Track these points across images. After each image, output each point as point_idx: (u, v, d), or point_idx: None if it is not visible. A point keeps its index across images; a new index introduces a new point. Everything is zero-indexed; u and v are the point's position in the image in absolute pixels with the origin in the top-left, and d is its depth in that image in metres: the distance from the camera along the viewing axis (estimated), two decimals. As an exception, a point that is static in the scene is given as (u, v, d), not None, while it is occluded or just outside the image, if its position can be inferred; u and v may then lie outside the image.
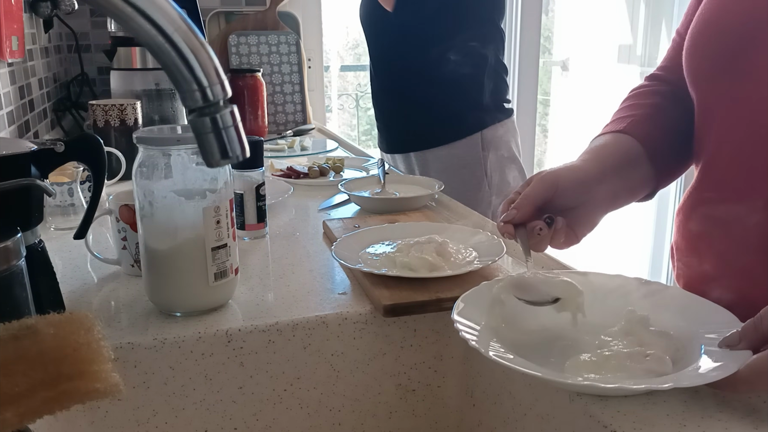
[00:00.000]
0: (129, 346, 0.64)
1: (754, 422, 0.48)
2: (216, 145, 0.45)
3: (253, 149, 0.78)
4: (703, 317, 0.59)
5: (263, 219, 0.96)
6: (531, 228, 0.68)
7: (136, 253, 0.79)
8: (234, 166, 0.86)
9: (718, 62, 0.69)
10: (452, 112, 1.51)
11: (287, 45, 2.04)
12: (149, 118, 1.47)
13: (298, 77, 2.04)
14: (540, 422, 0.59)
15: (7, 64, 1.31)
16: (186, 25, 0.42)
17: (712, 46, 0.70)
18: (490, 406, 0.68)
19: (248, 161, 0.83)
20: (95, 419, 0.65)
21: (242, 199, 0.94)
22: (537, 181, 0.71)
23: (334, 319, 0.70)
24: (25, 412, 0.37)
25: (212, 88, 0.43)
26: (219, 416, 0.68)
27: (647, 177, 0.78)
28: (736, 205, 0.68)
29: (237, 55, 2.00)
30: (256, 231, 0.96)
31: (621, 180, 0.75)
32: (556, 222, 0.69)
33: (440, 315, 0.71)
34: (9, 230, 0.50)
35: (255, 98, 1.80)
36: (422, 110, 1.54)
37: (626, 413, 0.49)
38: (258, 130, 1.82)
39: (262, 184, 0.95)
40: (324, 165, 1.37)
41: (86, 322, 0.40)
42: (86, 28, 2.05)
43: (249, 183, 0.94)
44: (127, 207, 0.79)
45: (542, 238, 0.68)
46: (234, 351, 0.67)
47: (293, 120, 2.03)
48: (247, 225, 0.95)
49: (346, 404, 0.73)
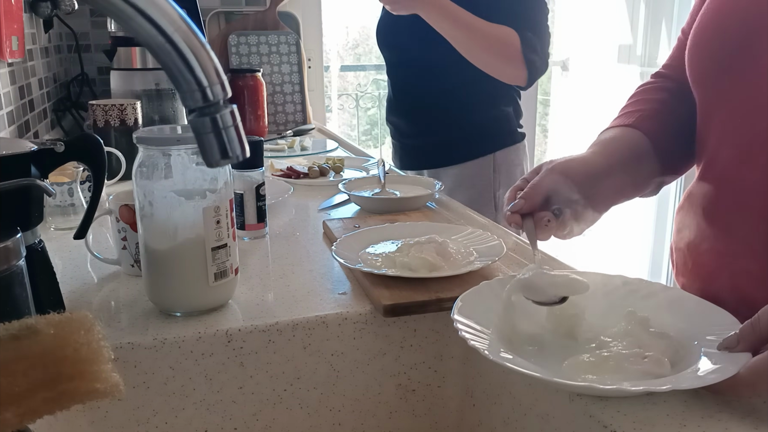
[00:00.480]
0: (129, 346, 0.64)
1: (754, 422, 0.48)
2: (216, 145, 0.45)
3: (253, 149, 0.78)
4: (703, 319, 0.59)
5: (263, 219, 0.96)
6: (539, 219, 0.68)
7: (136, 253, 0.79)
8: (234, 166, 0.87)
9: (718, 63, 0.69)
10: (467, 134, 1.54)
11: (287, 45, 2.04)
12: (149, 118, 1.47)
13: (298, 77, 2.04)
14: (540, 422, 0.59)
15: (7, 64, 1.31)
16: (186, 25, 0.42)
17: (712, 47, 0.70)
18: (490, 406, 0.68)
19: (248, 161, 0.83)
20: (95, 419, 0.65)
21: (242, 199, 0.94)
22: (546, 172, 0.71)
23: (334, 319, 0.70)
24: (25, 412, 0.37)
25: (212, 88, 0.43)
26: (219, 416, 0.68)
27: (653, 172, 0.78)
28: (735, 205, 0.68)
29: (237, 55, 2.00)
30: (256, 231, 0.96)
31: (627, 175, 0.75)
32: (564, 214, 0.68)
33: (440, 315, 0.71)
34: (9, 230, 0.50)
35: (255, 98, 1.80)
36: (438, 131, 1.56)
37: (626, 413, 0.49)
38: (258, 130, 1.82)
39: (262, 184, 0.95)
40: (324, 165, 1.37)
41: (86, 322, 0.40)
42: (86, 28, 2.05)
43: (249, 183, 0.94)
44: (127, 207, 0.79)
45: (548, 228, 0.68)
46: (234, 351, 0.67)
47: (293, 120, 2.04)
48: (247, 225, 0.95)
49: (346, 404, 0.73)
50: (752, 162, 0.66)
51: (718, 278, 0.71)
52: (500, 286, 0.67)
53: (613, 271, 0.69)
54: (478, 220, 1.04)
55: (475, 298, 0.64)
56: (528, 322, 0.63)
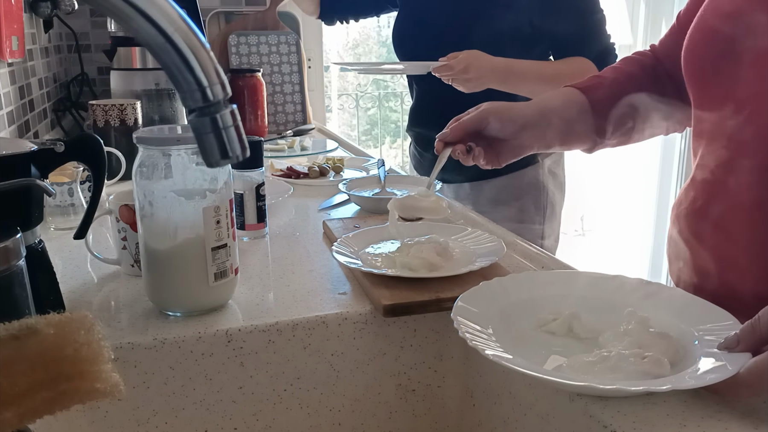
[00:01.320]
0: (129, 346, 0.64)
1: (754, 422, 0.48)
2: (216, 145, 0.45)
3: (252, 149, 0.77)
4: (703, 319, 0.59)
5: (263, 219, 0.96)
6: (454, 149, 0.82)
7: (136, 253, 0.79)
8: (234, 166, 0.86)
9: (710, 64, 0.71)
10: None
11: (287, 45, 2.04)
12: (149, 118, 1.47)
13: (298, 77, 2.04)
14: (540, 422, 0.59)
15: (7, 64, 1.31)
16: (186, 25, 0.42)
17: (705, 50, 0.72)
18: (490, 406, 0.68)
19: (248, 161, 0.83)
20: (95, 419, 0.65)
21: (242, 199, 0.94)
22: (479, 112, 0.84)
23: (334, 319, 0.70)
24: (25, 412, 0.37)
25: (212, 88, 0.43)
26: (219, 416, 0.69)
27: (586, 133, 0.87)
28: (726, 202, 0.69)
29: (237, 55, 2.00)
30: (256, 231, 0.96)
31: (554, 128, 0.86)
32: (474, 150, 0.83)
33: (440, 315, 0.71)
34: (9, 230, 0.50)
35: (255, 98, 1.80)
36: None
37: (626, 413, 0.49)
38: (258, 130, 1.82)
39: (262, 184, 0.95)
40: (324, 165, 1.37)
41: (86, 322, 0.40)
42: (86, 28, 2.05)
43: (249, 183, 0.94)
44: (127, 207, 0.79)
45: (463, 158, 0.83)
46: (234, 351, 0.67)
47: (293, 120, 2.03)
48: (247, 225, 0.95)
49: (346, 404, 0.73)
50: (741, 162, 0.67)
51: (710, 273, 0.72)
52: (500, 286, 0.67)
53: (613, 271, 0.69)
54: (477, 220, 1.04)
55: (475, 298, 0.64)
56: (528, 322, 0.63)
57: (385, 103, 3.67)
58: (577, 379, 0.52)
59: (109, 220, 0.83)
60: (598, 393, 0.51)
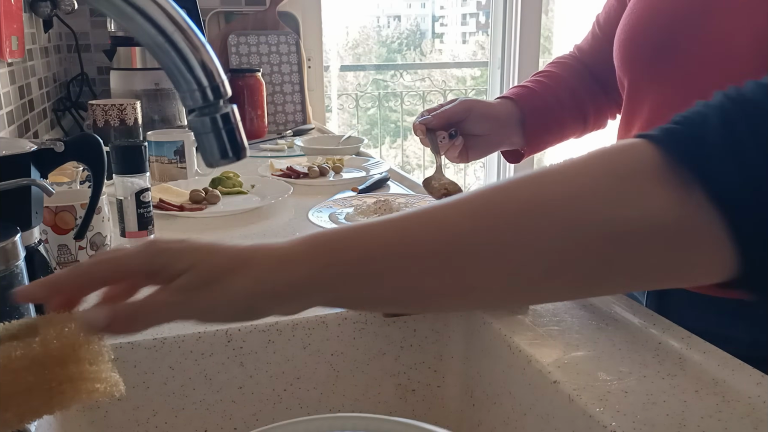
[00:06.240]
0: (129, 346, 0.64)
1: (754, 422, 0.48)
2: (216, 144, 0.45)
3: (131, 154, 0.78)
4: None
5: (146, 227, 0.89)
6: (437, 134, 0.87)
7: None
8: (115, 171, 0.83)
9: (652, 48, 0.75)
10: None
11: (287, 45, 2.04)
12: (149, 118, 1.47)
13: (297, 77, 2.04)
14: (540, 422, 0.59)
15: (6, 64, 1.31)
16: (186, 25, 0.42)
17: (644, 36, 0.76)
18: (490, 406, 0.68)
19: (129, 166, 0.82)
20: (95, 419, 0.65)
21: (122, 206, 0.87)
22: (458, 103, 0.90)
23: (334, 319, 0.70)
24: (25, 412, 0.37)
25: (212, 88, 0.43)
26: (219, 416, 0.68)
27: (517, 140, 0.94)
28: None
29: (237, 55, 2.00)
30: (138, 240, 0.87)
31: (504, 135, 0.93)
32: (457, 138, 0.88)
33: (440, 315, 0.71)
34: (9, 230, 0.50)
35: (255, 98, 1.80)
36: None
37: (626, 413, 0.49)
38: (258, 130, 1.82)
39: (146, 190, 0.87)
40: (324, 165, 1.37)
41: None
42: (86, 28, 2.05)
43: (129, 188, 0.86)
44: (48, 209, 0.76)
45: (443, 145, 0.88)
46: (234, 351, 0.67)
47: (293, 120, 2.03)
48: (128, 232, 0.88)
49: (346, 404, 0.73)
50: None
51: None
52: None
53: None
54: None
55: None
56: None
57: (385, 103, 3.67)
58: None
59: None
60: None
